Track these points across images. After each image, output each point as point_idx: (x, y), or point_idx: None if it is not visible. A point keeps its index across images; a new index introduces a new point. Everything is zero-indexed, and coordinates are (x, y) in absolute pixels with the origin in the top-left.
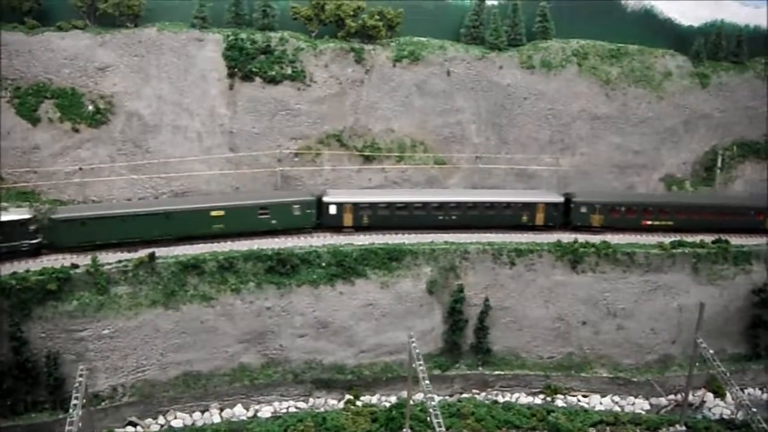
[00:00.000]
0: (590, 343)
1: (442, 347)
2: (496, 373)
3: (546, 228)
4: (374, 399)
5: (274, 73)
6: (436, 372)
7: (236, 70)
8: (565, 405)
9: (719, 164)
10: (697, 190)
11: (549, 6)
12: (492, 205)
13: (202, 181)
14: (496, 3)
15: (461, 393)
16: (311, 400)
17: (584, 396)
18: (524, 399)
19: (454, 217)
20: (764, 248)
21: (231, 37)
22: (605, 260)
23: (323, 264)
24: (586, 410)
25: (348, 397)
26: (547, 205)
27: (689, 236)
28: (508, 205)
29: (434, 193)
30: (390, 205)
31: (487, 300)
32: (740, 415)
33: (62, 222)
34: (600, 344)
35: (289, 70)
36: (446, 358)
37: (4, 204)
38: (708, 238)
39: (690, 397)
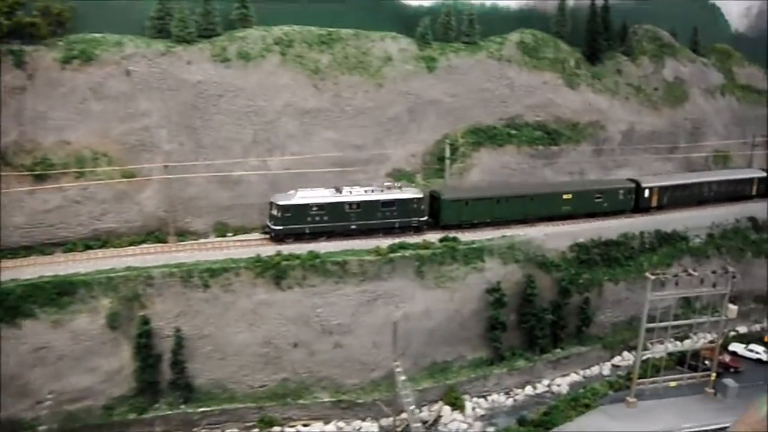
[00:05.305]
0: (306, 366)
1: (136, 387)
2: (202, 409)
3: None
4: None
5: None
6: (132, 416)
7: None
8: None
9: (447, 154)
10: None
11: None
12: (735, 182)
13: None
14: None
15: None
16: None
17: (305, 425)
18: None
19: (713, 193)
20: (497, 242)
21: None
22: (313, 272)
23: None
24: None
25: None
26: (759, 179)
27: (414, 237)
28: (742, 180)
29: (703, 175)
30: (679, 187)
31: (178, 330)
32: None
33: (450, 202)
34: (317, 366)
35: None
36: (143, 399)
37: (396, 183)
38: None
39: (425, 413)
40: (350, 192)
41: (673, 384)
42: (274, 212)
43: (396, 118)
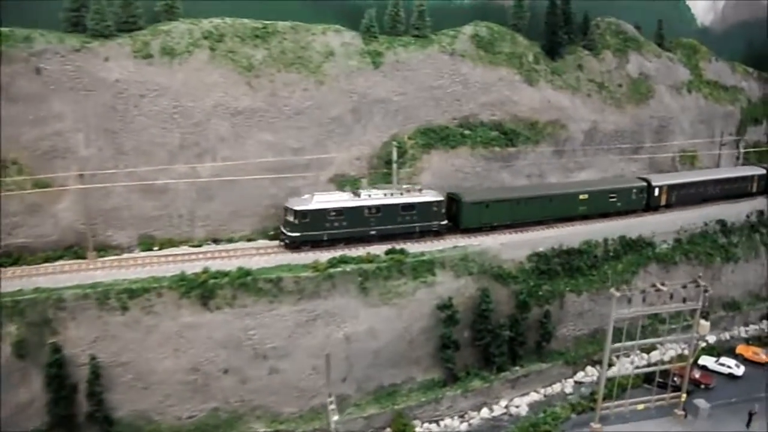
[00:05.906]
0: (238, 394)
1: (49, 422)
2: None
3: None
4: None
5: None
6: None
7: None
8: None
9: (394, 157)
10: None
11: None
12: (737, 179)
13: None
14: None
15: None
16: None
17: None
18: None
19: (717, 191)
20: (449, 253)
21: None
22: (244, 291)
23: None
24: None
25: None
26: (759, 177)
27: (356, 249)
28: (744, 178)
29: (708, 173)
30: (687, 185)
31: (94, 357)
32: None
33: (471, 205)
34: (251, 394)
35: None
36: None
37: (416, 186)
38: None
39: None
40: (369, 195)
41: (640, 407)
42: (290, 218)
43: (339, 118)
